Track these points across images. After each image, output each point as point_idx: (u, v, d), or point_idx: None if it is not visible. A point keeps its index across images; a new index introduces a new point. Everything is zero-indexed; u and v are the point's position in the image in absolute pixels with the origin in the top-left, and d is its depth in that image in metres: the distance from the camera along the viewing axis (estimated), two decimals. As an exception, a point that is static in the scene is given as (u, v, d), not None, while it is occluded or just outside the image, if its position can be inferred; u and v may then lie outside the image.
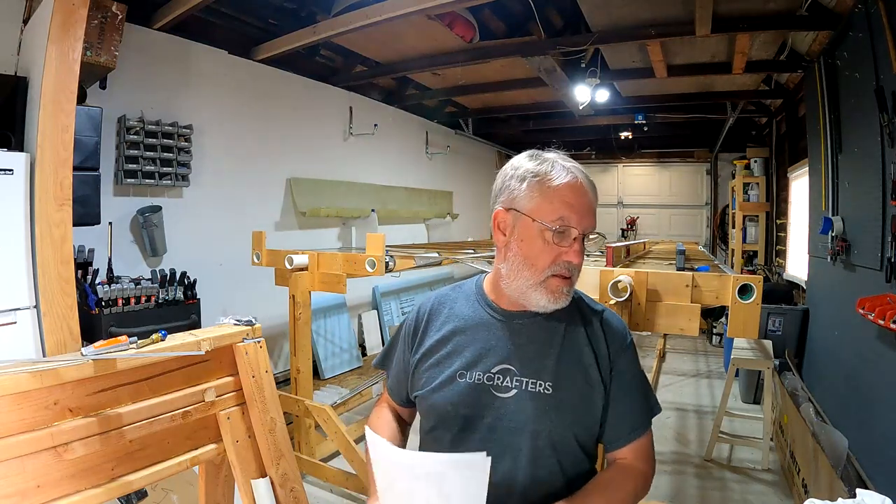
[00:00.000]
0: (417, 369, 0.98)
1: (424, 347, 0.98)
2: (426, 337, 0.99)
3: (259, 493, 1.16)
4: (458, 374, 0.92)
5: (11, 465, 0.86)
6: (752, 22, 3.18)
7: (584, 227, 0.87)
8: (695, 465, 2.86)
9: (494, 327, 0.95)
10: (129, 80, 2.94)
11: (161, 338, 1.06)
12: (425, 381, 0.96)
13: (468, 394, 0.91)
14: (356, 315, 4.78)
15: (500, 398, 0.90)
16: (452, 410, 0.92)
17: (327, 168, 4.50)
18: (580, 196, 0.87)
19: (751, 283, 1.70)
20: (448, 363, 0.94)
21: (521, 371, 0.91)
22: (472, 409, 0.91)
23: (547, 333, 0.93)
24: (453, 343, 0.96)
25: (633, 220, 7.83)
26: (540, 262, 0.87)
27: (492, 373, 0.91)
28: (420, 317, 1.02)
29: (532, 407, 0.89)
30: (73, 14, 1.88)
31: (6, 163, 1.82)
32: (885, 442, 2.23)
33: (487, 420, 0.90)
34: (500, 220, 0.92)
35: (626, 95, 5.32)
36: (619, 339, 0.97)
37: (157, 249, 3.06)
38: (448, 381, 0.93)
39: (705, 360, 4.98)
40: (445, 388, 0.93)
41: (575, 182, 0.87)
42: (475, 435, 0.91)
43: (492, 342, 0.94)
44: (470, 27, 3.73)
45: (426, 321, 1.01)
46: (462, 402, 0.91)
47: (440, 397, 0.93)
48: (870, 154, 2.49)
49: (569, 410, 0.90)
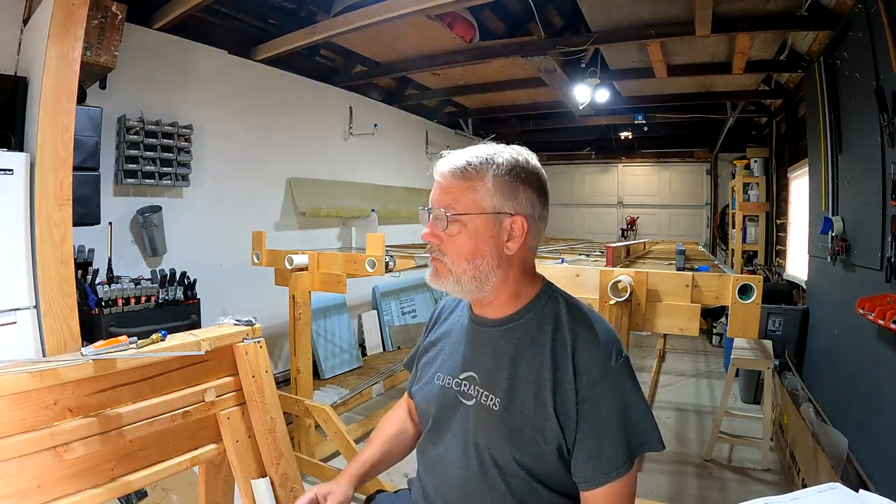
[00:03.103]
0: (416, 365, 1.06)
1: (423, 345, 1.06)
2: (428, 336, 1.07)
3: (259, 493, 1.16)
4: (436, 375, 0.98)
5: (11, 465, 0.86)
6: (752, 22, 3.18)
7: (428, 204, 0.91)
8: (695, 465, 2.86)
9: (469, 333, 0.96)
10: (129, 80, 2.94)
11: (161, 338, 1.06)
12: (417, 377, 1.04)
13: (440, 396, 0.96)
14: (356, 315, 4.78)
15: (464, 405, 0.92)
16: (426, 410, 0.98)
17: (327, 168, 4.50)
18: (436, 176, 0.90)
19: (751, 283, 1.70)
20: (433, 364, 1.00)
21: (481, 381, 0.90)
22: (441, 412, 0.95)
23: (509, 345, 0.88)
24: (440, 345, 1.02)
25: (633, 220, 7.82)
26: None
27: (459, 378, 0.94)
28: (433, 316, 1.10)
29: (482, 420, 0.87)
30: (73, 14, 1.88)
31: (6, 163, 1.81)
32: (885, 442, 2.23)
33: (453, 425, 0.93)
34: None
35: (626, 95, 5.32)
36: (595, 364, 0.83)
37: (157, 249, 3.06)
38: (429, 381, 0.99)
39: (705, 360, 4.98)
40: (426, 388, 0.99)
41: (436, 166, 0.90)
42: (443, 436, 0.95)
43: (462, 348, 0.96)
44: (470, 27, 3.73)
45: (434, 321, 1.08)
46: (434, 402, 0.96)
47: (421, 396, 1.01)
48: (870, 154, 2.49)
49: (511, 431, 0.84)
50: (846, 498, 0.74)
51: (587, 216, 8.33)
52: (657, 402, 3.80)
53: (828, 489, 0.76)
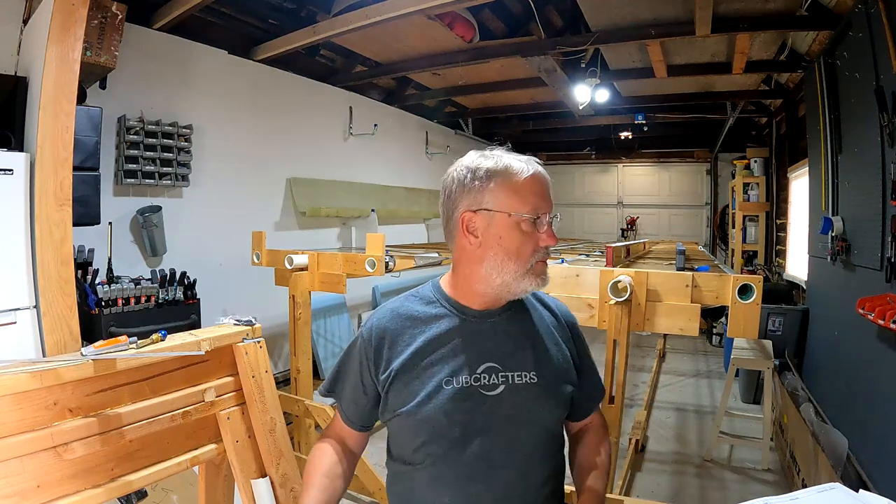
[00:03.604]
0: (392, 388, 0.94)
1: (397, 363, 0.94)
2: (395, 353, 0.95)
3: (259, 493, 1.16)
4: (443, 381, 0.91)
5: (11, 465, 0.86)
6: (752, 22, 3.18)
7: (551, 211, 0.95)
8: (695, 465, 2.86)
9: (470, 330, 0.95)
10: (129, 80, 2.94)
11: (161, 338, 1.06)
12: (406, 396, 0.92)
13: (459, 399, 0.91)
14: (356, 315, 4.78)
15: (489, 396, 0.91)
16: (447, 419, 0.90)
17: (327, 168, 4.50)
18: (543, 185, 0.93)
19: (751, 283, 1.70)
20: (430, 374, 0.92)
21: (505, 366, 0.94)
22: (467, 414, 0.91)
23: (520, 326, 0.98)
24: (431, 353, 0.94)
25: (633, 220, 7.83)
26: (524, 252, 0.91)
27: (477, 373, 0.92)
28: (379, 334, 0.97)
29: (523, 398, 0.93)
30: (73, 14, 1.88)
31: (6, 163, 1.81)
32: (885, 442, 2.23)
33: (482, 420, 0.91)
34: (470, 223, 0.91)
35: (626, 95, 5.33)
36: (572, 320, 1.08)
37: (157, 249, 3.06)
38: (435, 391, 0.91)
39: (705, 360, 4.98)
40: (434, 399, 0.91)
41: (537, 173, 0.92)
42: (476, 438, 0.90)
43: (470, 344, 0.94)
44: (470, 27, 3.73)
45: (390, 337, 0.96)
46: (455, 408, 0.90)
47: (431, 409, 0.90)
48: (870, 154, 2.49)
49: (551, 396, 0.96)
50: (846, 498, 0.74)
51: (587, 216, 8.33)
52: (657, 402, 3.80)
53: (828, 489, 0.76)
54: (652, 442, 3.12)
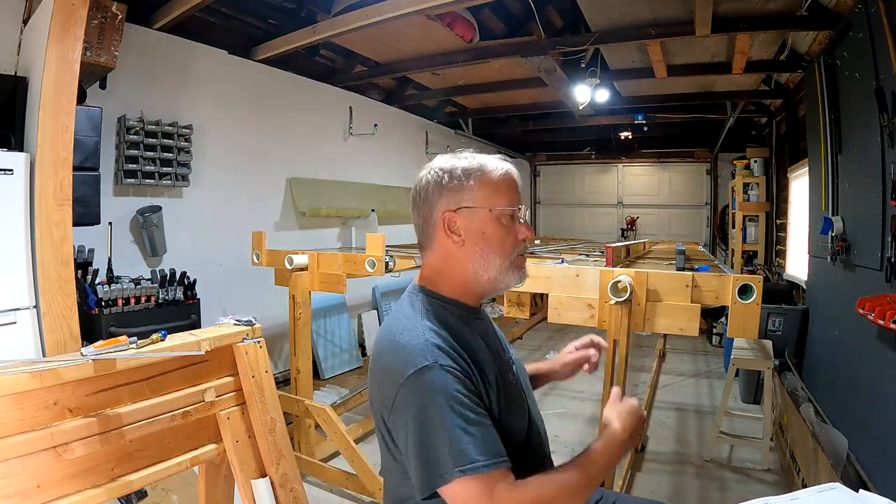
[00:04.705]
0: (501, 403, 0.89)
1: (492, 377, 0.88)
2: (483, 373, 0.88)
3: (259, 493, 1.16)
4: (512, 368, 1.01)
5: (11, 465, 0.86)
6: (752, 22, 3.18)
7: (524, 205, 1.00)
8: (695, 465, 2.86)
9: (482, 327, 0.99)
10: (129, 80, 2.94)
11: (161, 338, 1.06)
12: (500, 396, 0.89)
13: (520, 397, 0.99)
14: (356, 315, 4.78)
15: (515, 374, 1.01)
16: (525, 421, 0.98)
17: (327, 168, 4.50)
18: (516, 181, 0.97)
19: (751, 283, 1.70)
20: (506, 381, 0.93)
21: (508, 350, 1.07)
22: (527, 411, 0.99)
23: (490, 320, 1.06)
24: (486, 361, 0.90)
25: (633, 220, 7.82)
26: (507, 245, 0.94)
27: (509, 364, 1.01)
28: (461, 362, 0.84)
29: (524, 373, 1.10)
30: (73, 14, 1.88)
31: (6, 163, 1.81)
32: (885, 442, 2.22)
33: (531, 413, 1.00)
34: (451, 223, 0.92)
35: (626, 95, 5.32)
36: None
37: (157, 249, 3.06)
38: (517, 397, 0.97)
39: (705, 360, 4.98)
40: (513, 405, 0.93)
41: (511, 169, 0.97)
42: (530, 407, 1.01)
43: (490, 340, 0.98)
44: (470, 27, 3.73)
45: (468, 359, 0.86)
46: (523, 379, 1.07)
47: (517, 418, 0.94)
48: (870, 154, 2.49)
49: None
50: (846, 498, 0.74)
51: (587, 216, 8.33)
52: (657, 402, 3.80)
53: (828, 489, 0.76)
54: (652, 442, 3.12)
